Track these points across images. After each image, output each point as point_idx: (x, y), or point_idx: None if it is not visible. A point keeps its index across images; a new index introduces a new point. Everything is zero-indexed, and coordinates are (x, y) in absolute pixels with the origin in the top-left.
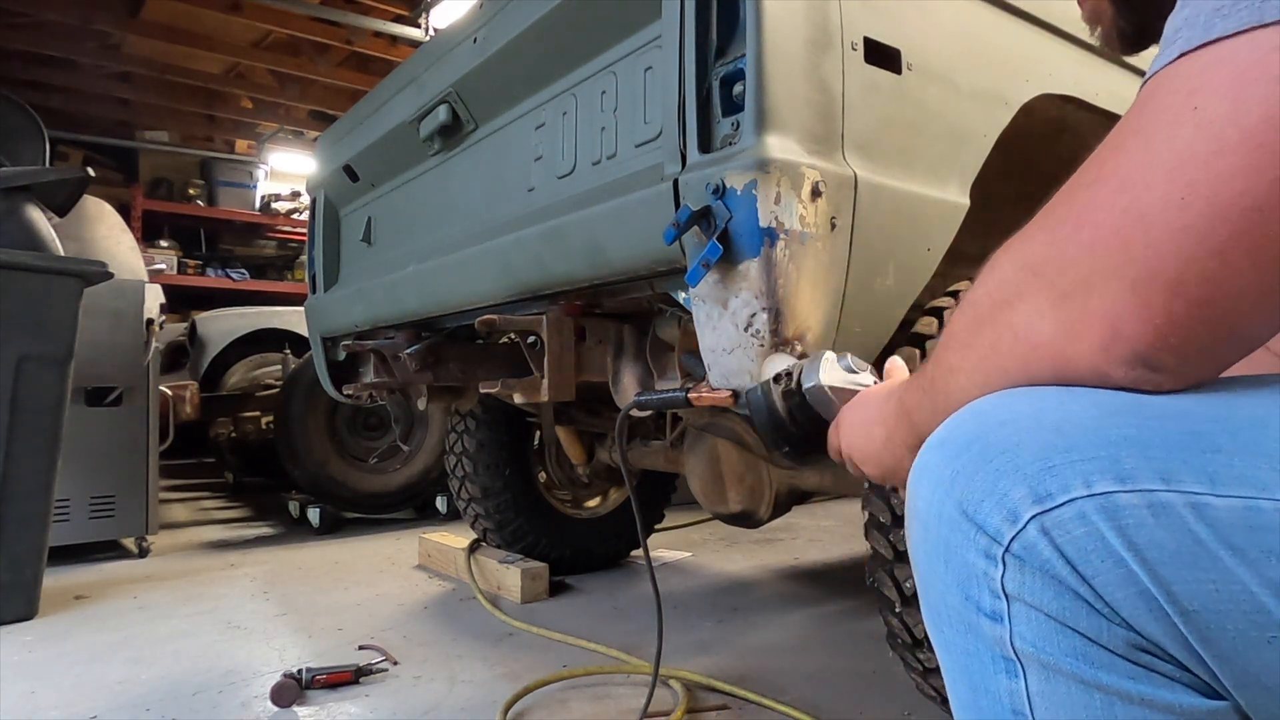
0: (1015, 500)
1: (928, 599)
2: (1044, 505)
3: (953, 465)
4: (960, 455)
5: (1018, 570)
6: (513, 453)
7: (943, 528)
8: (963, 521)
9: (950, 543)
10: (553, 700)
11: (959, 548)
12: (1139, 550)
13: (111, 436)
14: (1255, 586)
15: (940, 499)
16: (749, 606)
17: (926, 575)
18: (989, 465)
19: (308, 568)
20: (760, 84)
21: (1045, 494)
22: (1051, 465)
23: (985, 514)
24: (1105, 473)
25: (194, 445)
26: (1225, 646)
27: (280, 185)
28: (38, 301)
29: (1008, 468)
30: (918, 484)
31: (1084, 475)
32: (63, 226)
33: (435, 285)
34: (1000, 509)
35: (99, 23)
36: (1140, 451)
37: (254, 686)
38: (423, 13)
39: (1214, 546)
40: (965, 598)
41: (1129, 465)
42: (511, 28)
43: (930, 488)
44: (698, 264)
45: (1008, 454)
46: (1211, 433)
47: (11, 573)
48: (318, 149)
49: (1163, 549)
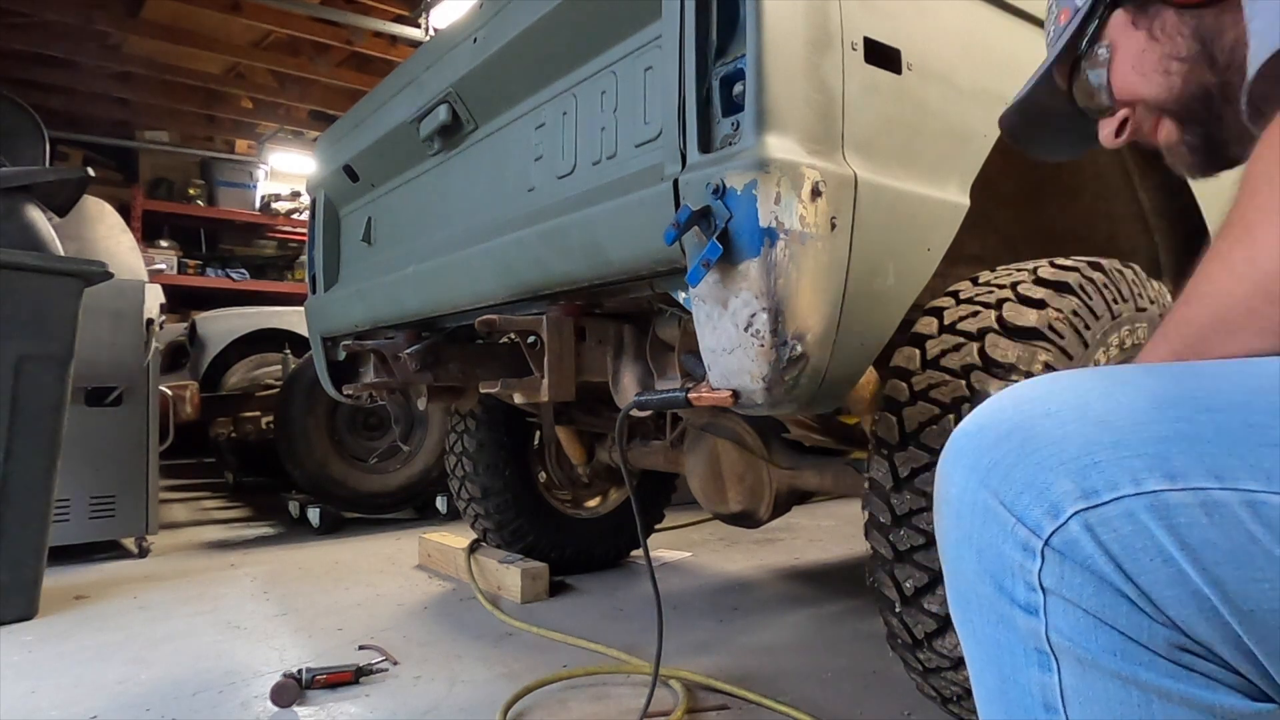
0: (1058, 494)
1: (956, 587)
2: (1089, 501)
3: (991, 454)
4: (1000, 444)
5: (1057, 564)
6: (513, 453)
7: (976, 517)
8: (1000, 511)
9: (985, 532)
10: (553, 700)
11: (994, 538)
12: (1192, 550)
13: (111, 436)
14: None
15: (975, 487)
16: (749, 606)
17: (956, 563)
18: (1031, 456)
19: (308, 568)
20: (760, 84)
21: (1091, 490)
22: (1097, 461)
23: (1025, 506)
24: (1154, 470)
25: (194, 445)
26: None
27: (280, 185)
28: (38, 301)
29: (1051, 460)
30: (951, 469)
31: (1132, 472)
32: (63, 226)
33: (435, 285)
34: (1041, 502)
35: (99, 23)
36: (1191, 447)
37: (254, 686)
38: (423, 13)
39: (1271, 545)
40: (999, 589)
41: (1179, 462)
42: (511, 28)
43: (965, 474)
44: (698, 263)
45: (1052, 446)
46: (1269, 425)
47: (11, 573)
48: (318, 149)
49: (1217, 549)
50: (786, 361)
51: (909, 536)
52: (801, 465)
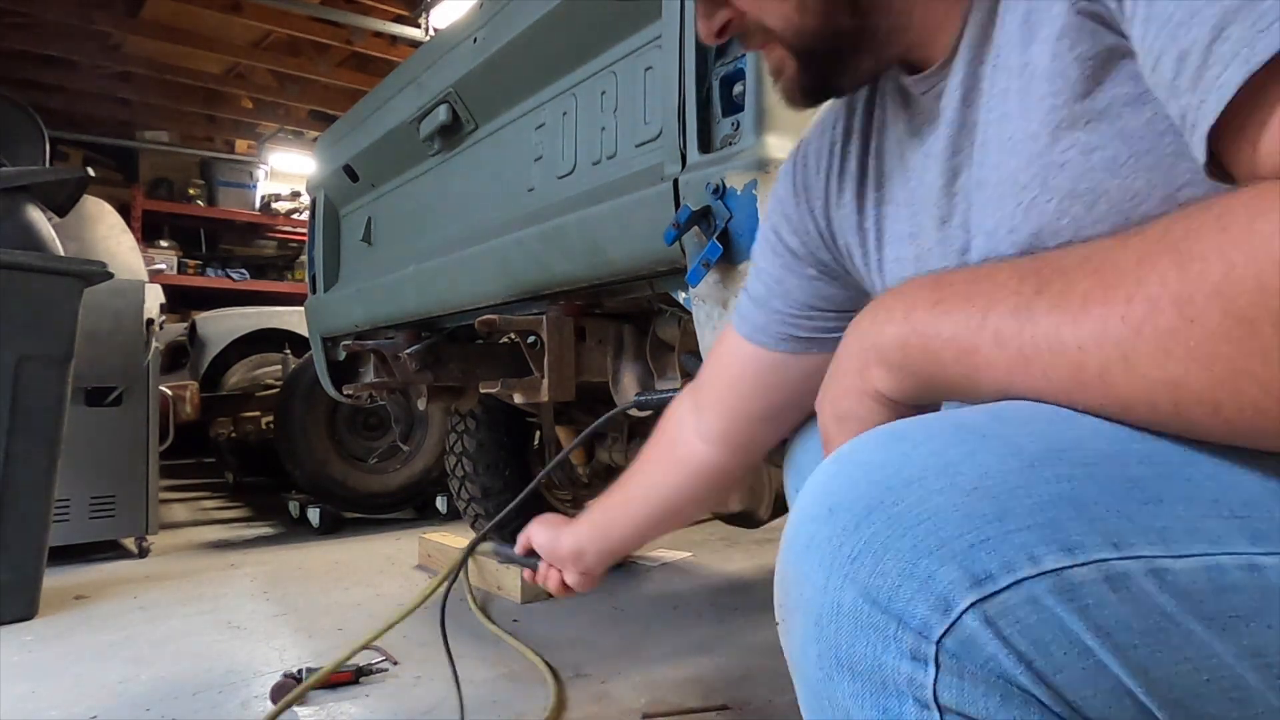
0: (945, 584)
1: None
2: (984, 590)
3: (852, 540)
4: (860, 527)
5: (954, 674)
6: (513, 453)
7: (844, 622)
8: (874, 614)
9: (857, 644)
10: (554, 701)
11: (870, 649)
12: (1107, 635)
13: (111, 436)
14: (1232, 659)
15: (838, 586)
16: (749, 606)
17: (820, 687)
18: (903, 540)
19: (308, 568)
20: (760, 84)
21: (983, 574)
22: (985, 538)
23: (904, 602)
24: (1050, 543)
25: (194, 445)
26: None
27: (280, 185)
28: (38, 301)
29: (929, 543)
30: (803, 568)
31: (1026, 548)
32: (63, 226)
33: (435, 285)
34: (925, 595)
35: (99, 23)
36: (1081, 512)
37: (254, 686)
38: (423, 13)
39: (1183, 619)
40: (883, 711)
41: (1074, 531)
42: (511, 28)
43: (823, 573)
44: (698, 263)
45: (926, 524)
46: (1146, 479)
47: (11, 573)
48: (318, 149)
49: (1131, 630)
50: None
51: None
52: None
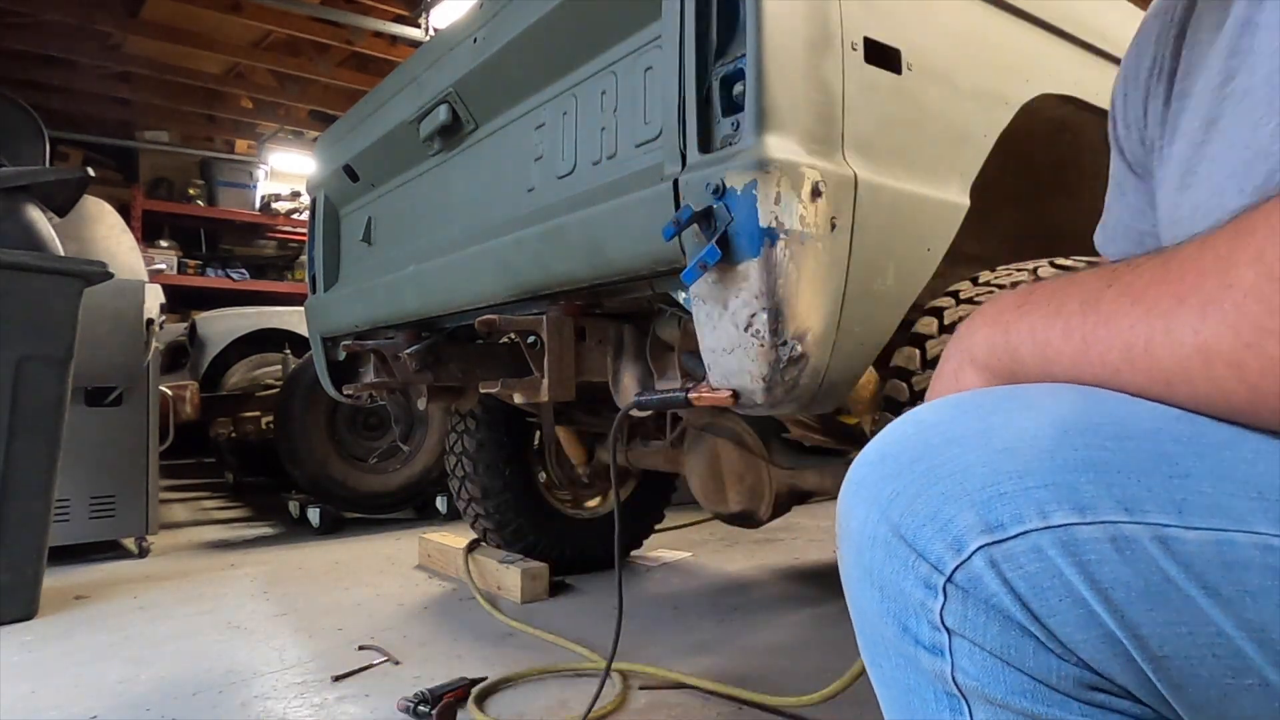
0: (961, 527)
1: (862, 629)
2: (994, 536)
3: (892, 484)
4: (901, 474)
5: (960, 602)
6: (513, 453)
7: (878, 552)
8: (900, 546)
9: (886, 569)
10: (554, 701)
11: (896, 575)
12: (1102, 590)
13: (111, 436)
14: (1231, 629)
15: (876, 520)
16: (749, 606)
17: (860, 603)
18: (934, 487)
19: (308, 568)
20: (760, 84)
21: (995, 523)
22: (1003, 491)
23: (926, 540)
24: (1063, 502)
25: (194, 445)
26: (1198, 695)
27: (280, 185)
28: (38, 301)
29: (954, 491)
30: (852, 502)
31: (1039, 504)
32: (63, 226)
33: (435, 285)
34: (943, 536)
35: (99, 23)
36: (1100, 477)
37: (254, 686)
38: (423, 13)
39: (1185, 585)
40: (903, 629)
41: (1088, 493)
42: (511, 28)
43: (866, 507)
44: (695, 264)
45: (955, 476)
46: (1179, 455)
47: (11, 573)
48: (318, 149)
49: (1129, 588)
50: (786, 361)
51: None
52: (801, 465)
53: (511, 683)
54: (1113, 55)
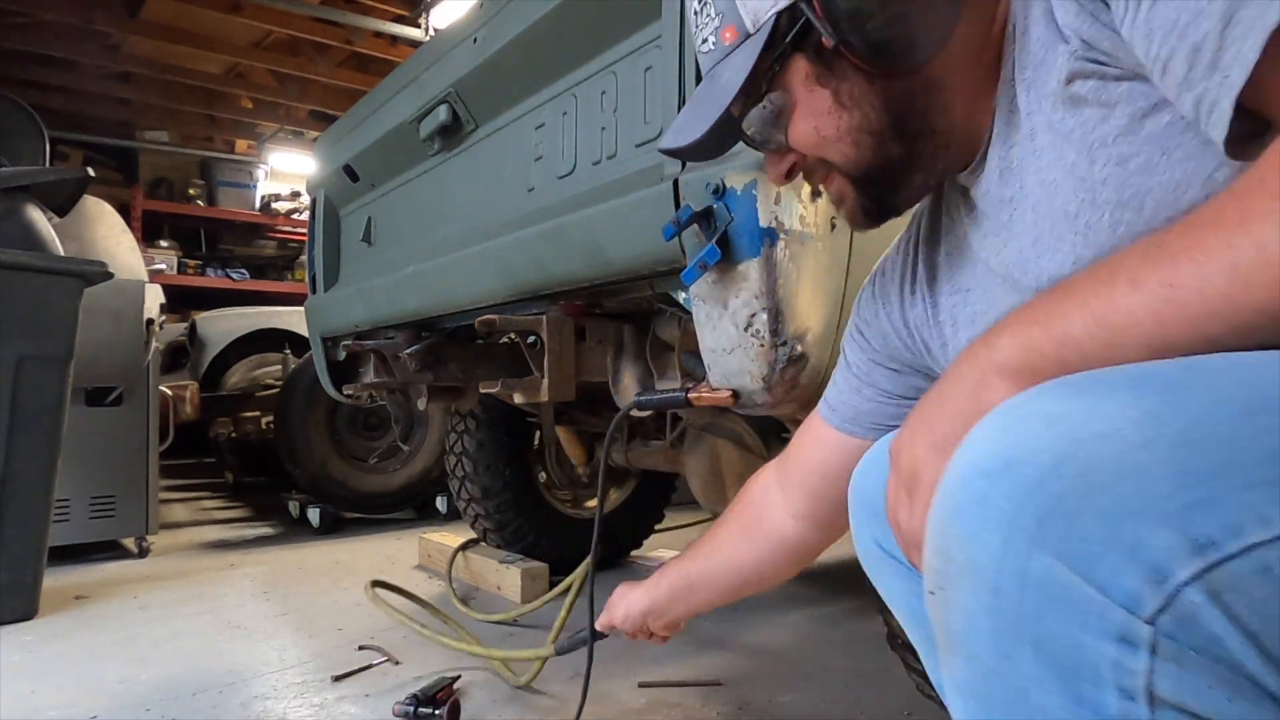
0: (1158, 550)
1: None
2: (1207, 558)
3: (1037, 498)
4: (1046, 482)
5: (1174, 659)
6: (513, 453)
7: (1029, 594)
8: (1071, 583)
9: (1045, 617)
10: (554, 701)
11: (1063, 624)
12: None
13: (111, 436)
14: None
15: (1021, 551)
16: (749, 606)
17: (996, 665)
18: (1101, 498)
19: (308, 568)
20: None
21: (1205, 540)
22: (1204, 497)
23: (1109, 572)
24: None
25: (194, 445)
26: None
27: (280, 185)
28: (38, 301)
29: (1134, 503)
30: (974, 527)
31: (1254, 508)
32: (63, 226)
33: (435, 285)
34: (1135, 564)
35: (99, 23)
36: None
37: (254, 686)
38: (423, 13)
39: None
40: (1077, 701)
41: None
42: (511, 28)
43: (1000, 533)
44: (695, 264)
45: (1129, 481)
46: None
47: (11, 573)
48: (318, 149)
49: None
50: (786, 361)
51: None
52: None
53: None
54: None
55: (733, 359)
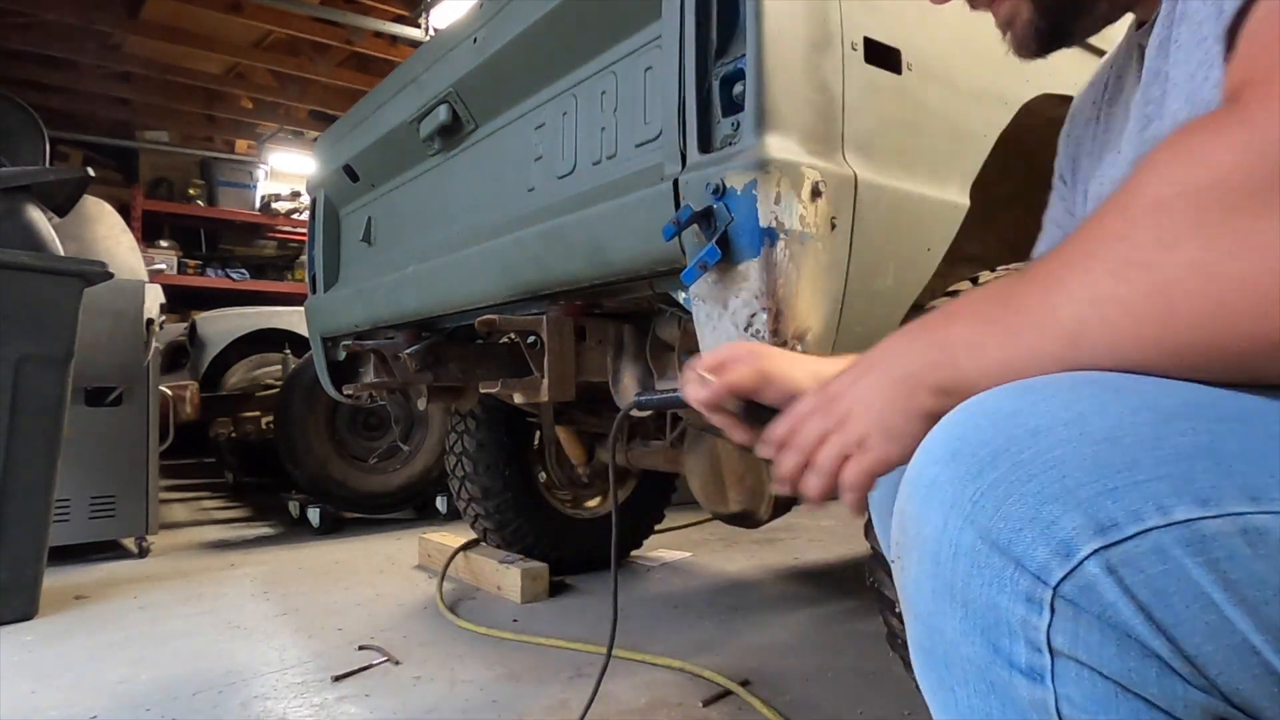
0: (1068, 530)
1: (931, 650)
2: (1108, 538)
3: (974, 484)
4: (984, 472)
5: (1070, 618)
6: (513, 453)
7: (960, 562)
8: (992, 555)
9: (972, 581)
10: (554, 701)
11: (985, 588)
12: (1237, 590)
13: (111, 436)
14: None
15: (958, 526)
16: (749, 606)
17: (934, 621)
18: (1027, 485)
19: (308, 568)
20: (760, 84)
21: (1109, 523)
22: (1113, 487)
23: (1025, 546)
24: (1181, 494)
25: (194, 445)
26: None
27: (280, 185)
28: (38, 301)
29: (1054, 489)
30: (921, 507)
31: (1156, 498)
32: (63, 226)
33: (435, 285)
34: (1046, 540)
35: (99, 23)
36: (1217, 465)
37: (254, 686)
38: (423, 13)
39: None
40: (993, 650)
41: (1207, 483)
42: (511, 28)
43: (942, 512)
44: (695, 264)
45: (1052, 471)
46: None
47: (12, 573)
48: (318, 149)
49: (1266, 586)
50: None
51: None
52: None
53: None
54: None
55: None
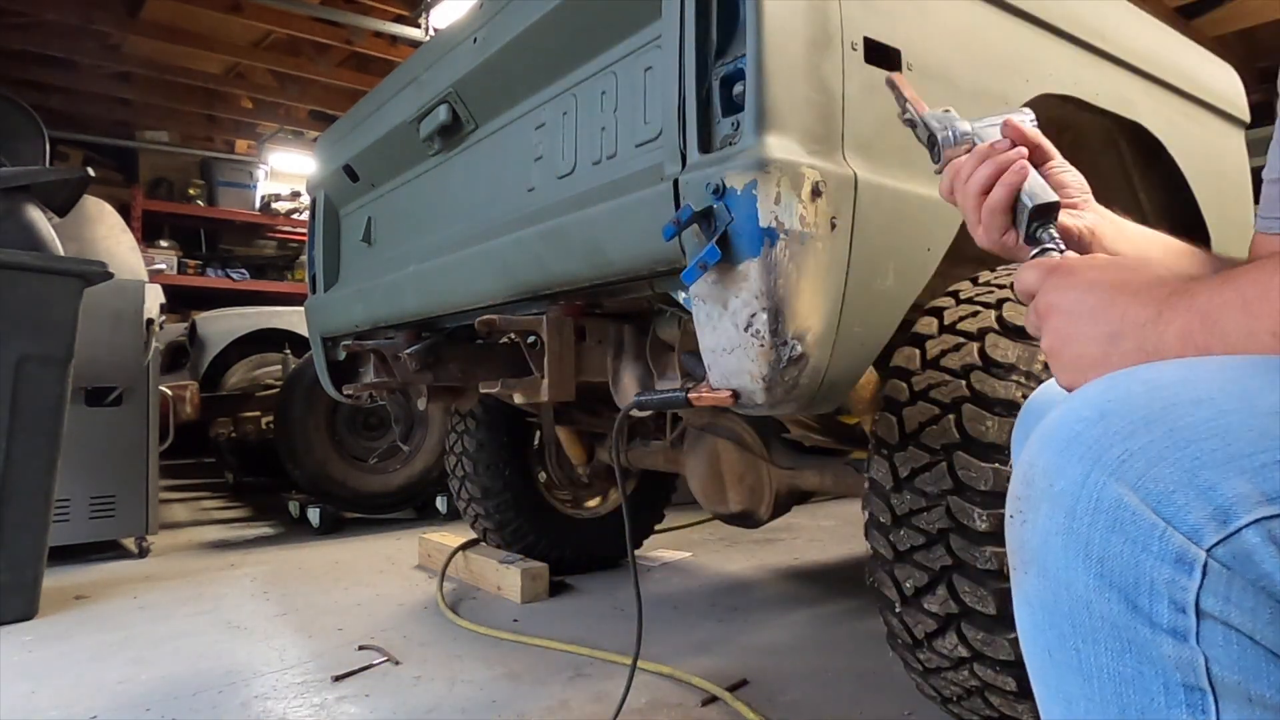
0: (1228, 496)
1: (1054, 607)
2: (1275, 508)
3: (1125, 444)
4: (1137, 433)
5: (1222, 582)
6: (513, 453)
7: (1100, 517)
8: (1140, 512)
9: (1112, 538)
10: (554, 701)
11: (1126, 545)
12: None
13: (111, 436)
14: None
15: (1100, 482)
16: (749, 606)
17: (1064, 575)
18: (1185, 450)
19: (308, 568)
20: (760, 84)
21: (1276, 493)
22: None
23: (1176, 508)
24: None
25: (194, 445)
26: None
27: (280, 185)
28: (38, 301)
29: (1216, 456)
30: (1061, 460)
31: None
32: (63, 226)
33: (435, 285)
34: (1203, 504)
35: (99, 23)
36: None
37: (254, 686)
38: (423, 13)
39: None
40: (1131, 608)
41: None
42: (511, 28)
43: (1084, 466)
44: (695, 264)
45: (1214, 439)
46: None
47: (11, 573)
48: (318, 149)
49: None
50: (786, 361)
51: (909, 536)
52: (801, 465)
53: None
54: (1112, 55)
55: (733, 359)
